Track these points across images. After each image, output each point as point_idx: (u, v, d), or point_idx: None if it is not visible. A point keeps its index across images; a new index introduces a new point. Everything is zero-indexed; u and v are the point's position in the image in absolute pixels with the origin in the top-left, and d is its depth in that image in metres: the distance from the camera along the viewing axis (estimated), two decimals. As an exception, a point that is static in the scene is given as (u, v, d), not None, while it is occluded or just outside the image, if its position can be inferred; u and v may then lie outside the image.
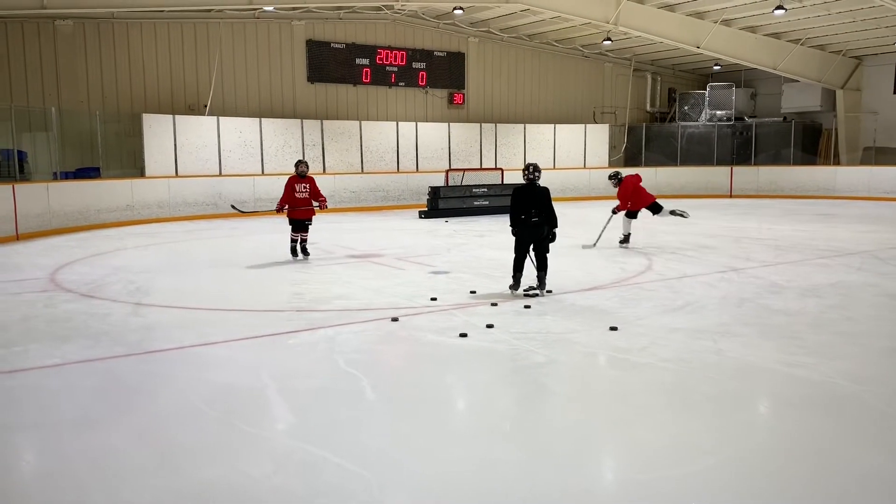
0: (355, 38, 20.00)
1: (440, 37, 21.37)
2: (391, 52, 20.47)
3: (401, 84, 20.87)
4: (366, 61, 20.15)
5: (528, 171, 7.67)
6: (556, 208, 7.64)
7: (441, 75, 21.51)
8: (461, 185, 18.30)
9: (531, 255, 7.61)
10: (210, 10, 17.45)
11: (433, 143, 20.96)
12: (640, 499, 3.26)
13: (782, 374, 5.00)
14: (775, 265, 9.53)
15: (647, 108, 25.69)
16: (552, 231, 7.60)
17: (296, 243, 10.26)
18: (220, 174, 17.69)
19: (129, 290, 8.16)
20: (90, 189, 15.07)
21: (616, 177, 11.46)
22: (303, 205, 10.12)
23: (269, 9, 17.36)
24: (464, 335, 5.95)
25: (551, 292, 7.65)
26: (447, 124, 21.28)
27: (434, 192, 17.47)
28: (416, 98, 21.41)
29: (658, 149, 24.49)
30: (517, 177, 9.82)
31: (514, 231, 7.62)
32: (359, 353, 5.56)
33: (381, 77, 20.49)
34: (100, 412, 4.41)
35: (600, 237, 11.29)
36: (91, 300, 7.59)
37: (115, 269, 9.65)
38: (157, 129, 16.71)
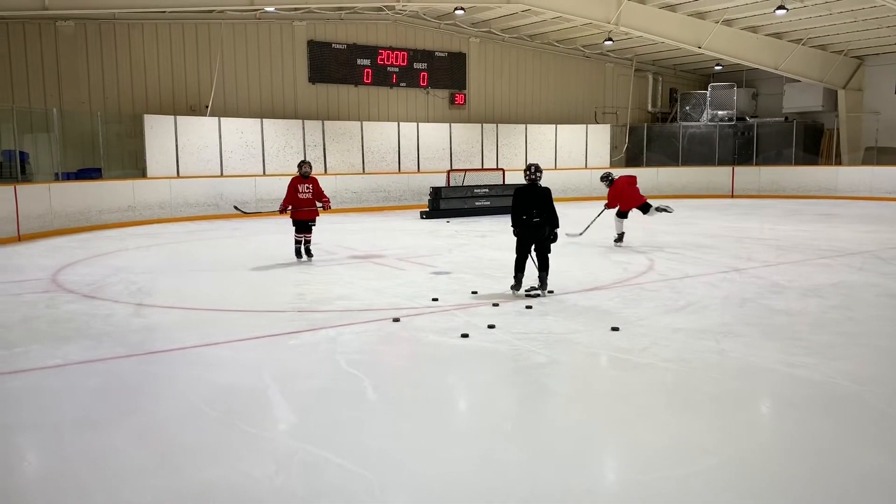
0: (356, 39, 20.01)
1: (441, 37, 21.38)
2: (392, 53, 20.48)
3: (402, 84, 20.88)
4: (367, 62, 20.15)
5: (529, 171, 7.68)
6: (558, 209, 7.64)
7: (442, 76, 21.52)
8: (462, 186, 18.30)
9: (532, 255, 7.62)
10: (211, 11, 17.46)
11: (434, 143, 20.97)
12: (641, 499, 3.26)
13: (784, 374, 5.00)
14: (777, 265, 9.53)
15: (649, 108, 25.68)
16: (553, 231, 7.61)
17: (300, 245, 10.16)
18: (222, 175, 17.71)
19: (131, 290, 8.16)
20: (92, 190, 15.09)
21: (607, 178, 11.77)
22: (306, 205, 10.02)
23: (271, 9, 17.37)
24: (465, 335, 5.95)
25: (553, 293, 7.65)
26: (448, 125, 21.29)
27: (435, 193, 17.47)
28: (417, 98, 21.42)
29: (659, 149, 24.48)
30: (518, 177, 9.82)
31: (515, 231, 7.62)
32: (360, 354, 5.56)
33: (382, 77, 20.50)
34: (101, 413, 4.41)
35: (588, 228, 11.61)
36: (92, 301, 7.60)
37: (117, 269, 9.66)
38: (158, 129, 16.73)
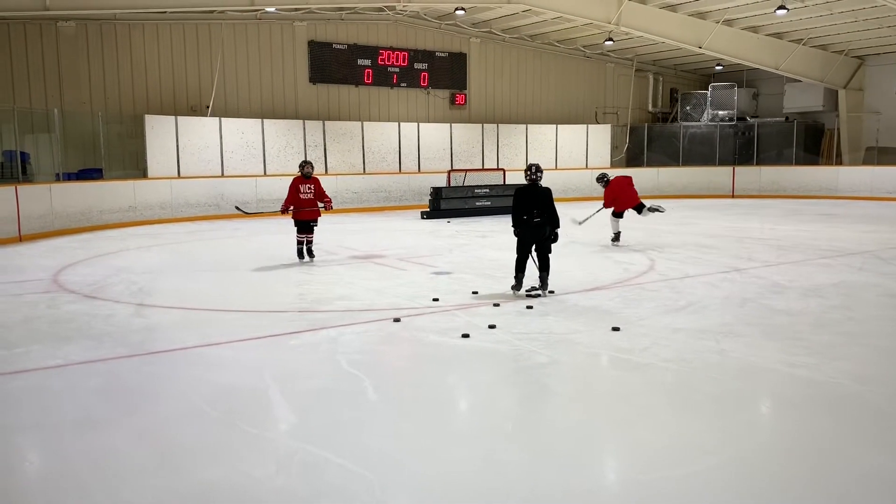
0: (357, 39, 20.01)
1: (442, 37, 21.38)
2: (393, 53, 20.48)
3: (403, 85, 20.88)
4: (367, 62, 20.15)
5: (530, 171, 7.68)
6: (558, 209, 7.65)
7: (443, 76, 21.52)
8: (463, 186, 18.30)
9: (533, 255, 7.62)
10: (212, 12, 17.47)
11: (435, 143, 20.96)
12: (642, 499, 3.26)
13: (785, 374, 5.00)
14: (777, 265, 9.52)
15: (649, 108, 25.68)
16: (554, 231, 7.61)
17: (302, 245, 10.10)
18: (223, 175, 17.71)
19: (132, 290, 8.17)
20: (93, 190, 15.10)
21: (603, 178, 11.98)
22: (307, 206, 9.97)
23: (271, 10, 17.38)
24: (466, 336, 5.95)
25: (553, 293, 7.65)
26: (449, 125, 21.29)
27: (436, 193, 17.47)
28: (417, 99, 21.42)
29: (660, 149, 24.47)
30: (519, 177, 9.81)
31: (516, 231, 7.62)
32: (361, 354, 5.56)
33: (382, 78, 20.50)
34: (102, 413, 4.42)
35: (589, 218, 11.89)
36: (93, 301, 7.61)
37: (118, 269, 9.66)
38: (159, 130, 16.74)
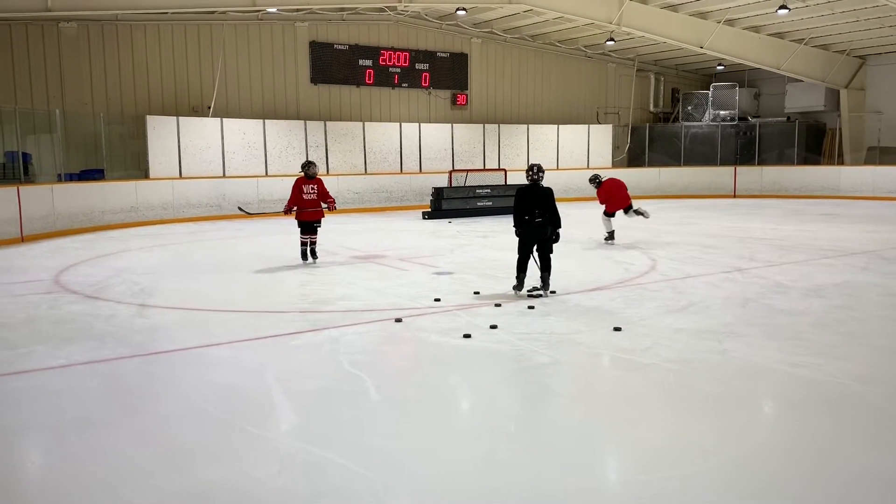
0: (358, 40, 20.02)
1: (443, 38, 21.38)
2: (394, 54, 20.49)
3: (404, 85, 20.88)
4: (369, 62, 20.16)
5: (531, 171, 7.68)
6: (560, 209, 7.64)
7: (444, 76, 21.52)
8: (464, 186, 18.29)
9: (535, 255, 7.62)
10: (213, 12, 17.49)
11: (436, 143, 20.97)
12: (644, 499, 3.26)
13: (786, 374, 4.99)
14: (779, 265, 9.51)
15: (651, 108, 25.67)
16: (556, 232, 7.61)
17: (306, 246, 9.96)
18: (224, 176, 17.72)
19: (134, 291, 8.18)
20: (94, 191, 15.11)
21: (595, 180, 12.30)
22: (311, 206, 9.89)
23: (273, 10, 17.39)
24: (467, 336, 5.95)
25: (555, 293, 7.65)
26: (450, 125, 21.28)
27: (437, 193, 17.47)
28: (419, 99, 21.43)
29: (661, 149, 24.46)
30: (520, 177, 9.80)
31: (517, 232, 7.62)
32: (362, 354, 5.57)
33: (384, 78, 20.50)
34: (104, 413, 4.42)
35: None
36: (95, 301, 7.61)
37: (120, 270, 9.67)
38: (160, 130, 16.75)
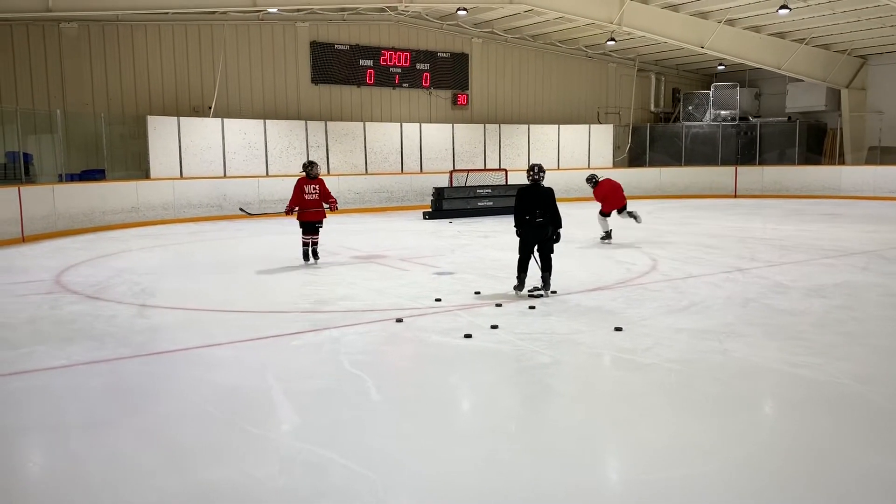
0: (359, 40, 20.02)
1: (444, 38, 21.38)
2: (395, 54, 20.49)
3: (405, 85, 20.88)
4: (369, 62, 20.16)
5: (532, 171, 7.68)
6: (561, 209, 7.64)
7: (445, 76, 21.52)
8: (465, 186, 18.29)
9: (535, 255, 7.62)
10: (214, 12, 17.50)
11: (437, 144, 20.97)
12: (645, 499, 3.25)
13: (787, 374, 4.99)
14: (780, 265, 9.51)
15: (652, 108, 25.67)
16: (556, 232, 7.61)
17: (308, 247, 9.89)
18: (225, 176, 17.72)
19: (135, 291, 8.18)
20: (95, 191, 15.12)
21: (592, 179, 12.44)
22: (312, 206, 9.82)
23: (273, 10, 17.40)
24: (468, 336, 5.95)
25: (556, 293, 7.65)
26: (451, 125, 21.29)
27: (438, 193, 17.47)
28: (419, 99, 21.43)
29: (662, 149, 24.45)
30: (521, 177, 9.82)
31: (518, 232, 7.61)
32: (363, 354, 5.57)
33: (384, 78, 20.50)
34: (105, 413, 4.43)
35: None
36: (96, 302, 7.62)
37: (121, 270, 9.68)
38: (161, 130, 16.76)
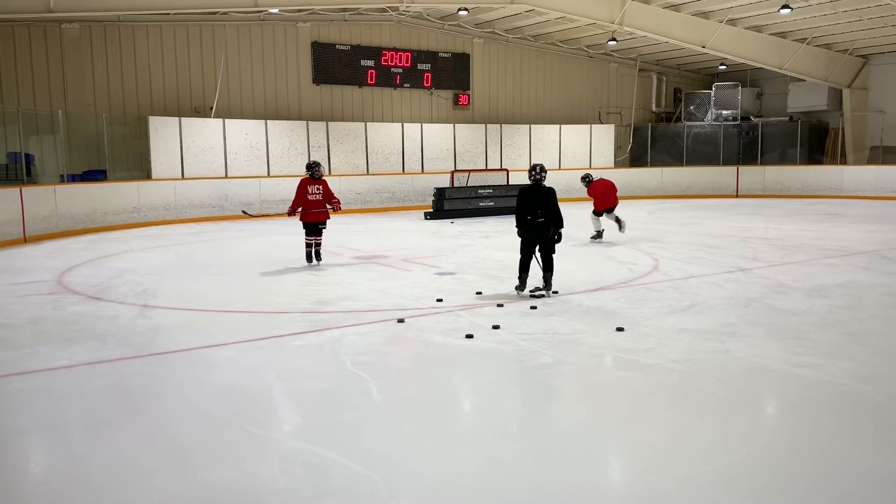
0: (360, 40, 20.02)
1: (445, 38, 21.38)
2: (396, 54, 20.49)
3: (406, 85, 20.88)
4: (371, 63, 20.16)
5: (534, 171, 7.68)
6: (562, 209, 7.64)
7: (446, 76, 21.52)
8: (466, 186, 18.27)
9: (537, 255, 7.61)
10: (215, 13, 17.51)
11: (438, 144, 20.96)
12: (647, 500, 3.25)
13: (789, 374, 4.99)
14: (782, 265, 9.50)
15: (653, 108, 25.65)
16: (558, 232, 7.60)
17: (311, 248, 9.77)
18: (226, 176, 17.73)
19: (136, 292, 8.18)
20: (97, 192, 15.13)
21: (586, 178, 12.69)
22: (316, 207, 9.72)
23: (275, 11, 17.41)
24: (470, 336, 5.95)
25: (557, 293, 7.64)
26: (452, 125, 21.28)
27: (439, 194, 17.46)
28: (421, 99, 21.43)
29: (664, 149, 24.43)
30: (522, 177, 9.81)
31: (519, 232, 7.61)
32: (365, 355, 5.56)
33: (386, 78, 20.50)
34: (106, 414, 4.43)
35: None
36: (98, 302, 7.62)
37: (122, 271, 9.68)
38: (163, 131, 16.77)
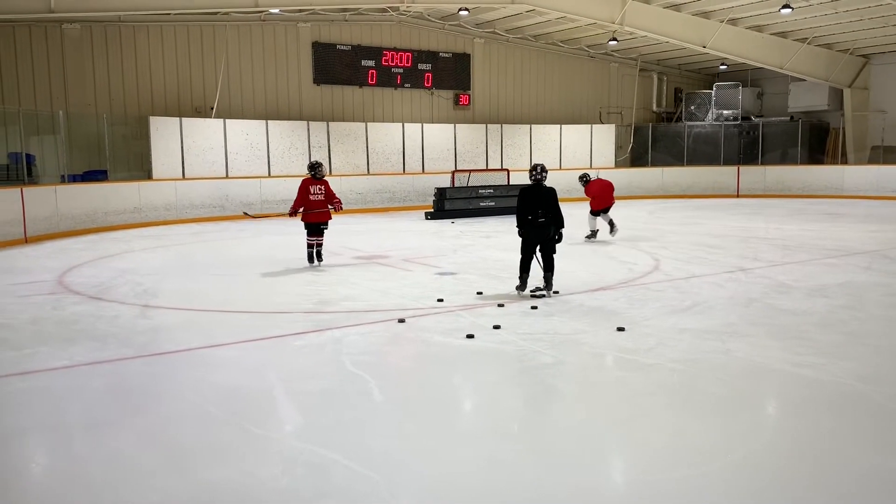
0: (361, 40, 20.03)
1: (446, 38, 21.38)
2: (397, 54, 20.49)
3: (406, 85, 20.88)
4: (371, 63, 20.17)
5: (534, 171, 7.68)
6: (563, 209, 7.63)
7: (447, 76, 21.52)
8: (467, 187, 18.27)
9: (538, 255, 7.61)
10: (216, 13, 17.51)
11: (439, 144, 20.96)
12: (647, 499, 3.25)
13: (790, 374, 4.99)
14: (783, 265, 9.50)
15: (654, 108, 25.64)
16: (559, 232, 7.60)
17: (312, 249, 9.71)
18: (227, 176, 17.73)
19: (137, 292, 8.19)
20: (98, 192, 15.14)
21: (583, 178, 12.89)
22: (318, 207, 9.65)
23: (275, 11, 17.41)
24: (470, 336, 5.95)
25: (558, 293, 7.64)
26: (453, 125, 21.28)
27: (440, 194, 17.46)
28: (421, 99, 21.43)
29: (665, 149, 24.43)
30: (523, 177, 9.80)
31: (520, 232, 7.61)
32: (366, 355, 5.57)
33: (386, 78, 20.50)
34: (107, 414, 4.43)
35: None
36: (99, 302, 7.63)
37: (123, 271, 9.69)
38: (163, 131, 16.78)
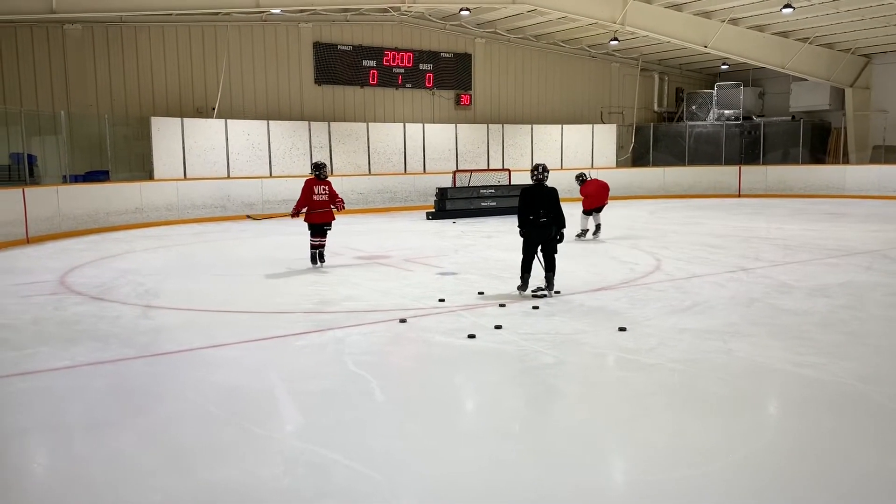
0: (362, 40, 20.04)
1: (447, 38, 21.39)
2: (398, 54, 20.50)
3: (408, 85, 20.89)
4: (373, 63, 20.18)
5: (536, 171, 7.68)
6: (564, 209, 7.63)
7: (448, 76, 21.53)
8: (468, 187, 18.28)
9: (539, 255, 7.61)
10: (218, 14, 17.53)
11: (440, 144, 20.97)
12: (648, 499, 3.25)
13: (791, 374, 4.98)
14: (784, 265, 9.49)
15: (655, 107, 25.64)
16: (560, 232, 7.60)
17: (316, 250, 9.64)
18: (228, 177, 17.75)
19: (138, 292, 8.19)
20: (99, 192, 15.16)
21: (580, 178, 12.91)
22: (321, 207, 9.61)
23: (277, 11, 17.42)
24: (472, 336, 5.95)
25: (559, 293, 7.64)
26: (454, 125, 21.29)
27: (441, 194, 17.46)
28: (422, 99, 21.43)
29: (666, 149, 24.42)
30: (524, 177, 9.81)
31: (521, 232, 7.61)
32: (367, 355, 5.57)
33: (387, 79, 20.51)
34: (108, 414, 4.43)
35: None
36: (100, 302, 7.63)
37: (125, 271, 9.70)
38: (165, 131, 16.79)
